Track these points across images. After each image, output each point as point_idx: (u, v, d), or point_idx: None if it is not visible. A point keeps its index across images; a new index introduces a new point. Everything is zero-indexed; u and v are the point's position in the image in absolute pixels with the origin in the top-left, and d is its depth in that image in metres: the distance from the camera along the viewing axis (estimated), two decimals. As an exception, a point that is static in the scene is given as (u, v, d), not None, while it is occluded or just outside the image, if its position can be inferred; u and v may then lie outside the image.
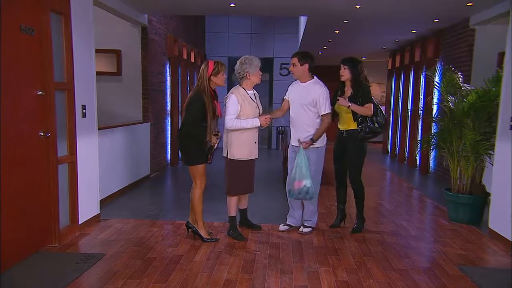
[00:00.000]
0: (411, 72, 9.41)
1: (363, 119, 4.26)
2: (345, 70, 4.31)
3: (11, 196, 3.37)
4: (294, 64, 4.26)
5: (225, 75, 4.04)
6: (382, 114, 4.33)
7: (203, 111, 3.89)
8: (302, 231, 4.39)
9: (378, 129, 4.28)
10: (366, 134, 4.27)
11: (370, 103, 4.22)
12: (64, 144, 4.08)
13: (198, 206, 4.05)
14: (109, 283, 3.21)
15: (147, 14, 6.88)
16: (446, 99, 5.14)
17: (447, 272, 3.55)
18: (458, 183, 4.97)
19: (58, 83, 3.93)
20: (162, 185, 7.06)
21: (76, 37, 4.16)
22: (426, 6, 5.94)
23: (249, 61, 4.06)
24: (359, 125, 4.27)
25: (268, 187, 6.63)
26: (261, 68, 4.17)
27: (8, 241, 3.34)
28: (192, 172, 4.03)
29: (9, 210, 3.35)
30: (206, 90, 3.92)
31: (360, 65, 4.32)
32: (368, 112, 4.22)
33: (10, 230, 3.36)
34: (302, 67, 4.23)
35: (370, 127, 4.24)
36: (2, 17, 3.24)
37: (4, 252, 3.30)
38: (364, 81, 4.33)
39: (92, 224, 4.53)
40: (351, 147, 4.34)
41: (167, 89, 8.18)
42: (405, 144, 9.54)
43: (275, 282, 3.30)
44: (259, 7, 6.50)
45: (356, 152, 4.35)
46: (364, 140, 4.33)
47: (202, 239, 4.10)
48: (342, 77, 4.35)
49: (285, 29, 11.71)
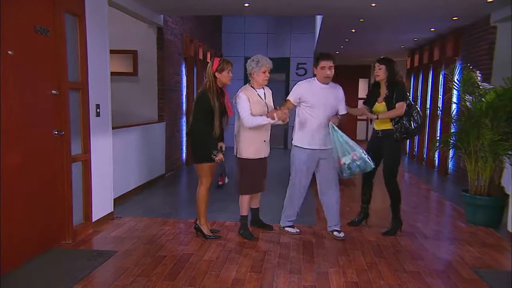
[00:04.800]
0: (429, 72, 9.25)
1: (399, 118, 4.17)
2: (381, 70, 4.22)
3: (25, 193, 3.45)
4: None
5: (231, 73, 4.00)
6: (419, 113, 4.21)
7: (210, 108, 3.88)
8: (339, 236, 4.21)
9: (414, 130, 4.18)
10: (401, 134, 4.18)
11: (402, 102, 4.11)
12: (78, 142, 4.15)
13: (202, 203, 4.07)
14: (119, 280, 3.25)
15: (163, 15, 6.95)
16: (463, 98, 5.02)
17: (461, 275, 3.46)
18: (475, 184, 4.85)
19: (72, 83, 4.00)
20: (177, 185, 7.11)
21: (90, 37, 4.23)
22: (444, 2, 5.82)
23: (256, 61, 4.03)
24: (394, 125, 4.18)
25: (282, 186, 6.56)
26: (269, 70, 4.06)
27: (23, 237, 3.42)
28: (198, 170, 4.05)
29: (23, 207, 3.43)
30: (211, 87, 3.91)
31: (396, 65, 4.25)
32: (398, 112, 4.12)
33: (24, 226, 3.44)
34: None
35: (406, 127, 4.15)
36: (17, 18, 3.32)
37: (19, 248, 3.38)
38: (400, 80, 4.26)
39: (106, 222, 4.60)
40: (386, 148, 4.25)
41: (182, 89, 8.24)
42: (424, 145, 9.37)
43: (283, 282, 3.28)
44: (273, 7, 6.48)
45: (391, 154, 4.26)
46: (400, 141, 4.23)
47: (204, 235, 4.12)
48: (378, 77, 4.27)
49: (302, 29, 11.64)
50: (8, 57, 3.21)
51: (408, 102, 4.19)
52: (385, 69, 4.21)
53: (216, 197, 5.26)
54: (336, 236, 4.22)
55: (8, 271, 3.24)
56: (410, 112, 4.18)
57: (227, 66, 3.95)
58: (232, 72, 4.02)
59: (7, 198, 3.22)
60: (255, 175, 4.14)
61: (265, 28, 11.88)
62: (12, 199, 3.28)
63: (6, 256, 3.22)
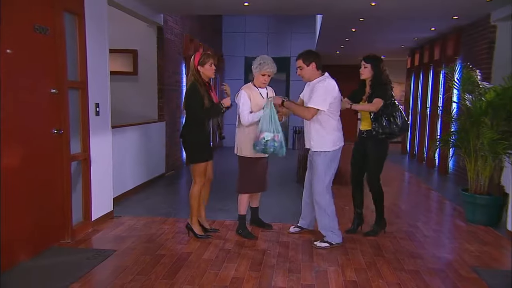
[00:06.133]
0: (430, 71, 9.24)
1: (377, 118, 4.04)
2: (366, 68, 4.10)
3: (25, 192, 3.46)
4: (301, 67, 3.97)
5: (214, 66, 3.95)
6: (402, 115, 4.08)
7: (201, 101, 3.87)
8: (316, 245, 3.98)
9: (394, 131, 4.02)
10: (379, 134, 4.05)
11: (379, 99, 3.97)
12: (77, 141, 4.15)
13: (194, 202, 4.07)
14: (118, 278, 3.25)
15: (163, 14, 6.96)
16: (463, 97, 5.02)
17: (460, 274, 3.45)
18: (475, 183, 4.84)
19: (72, 82, 4.00)
20: (177, 184, 7.11)
21: (90, 36, 4.23)
22: (444, 2, 5.81)
23: (260, 62, 4.01)
24: (372, 124, 4.08)
25: (282, 186, 6.60)
26: (269, 75, 4.03)
27: (23, 235, 3.43)
28: (192, 170, 4.06)
29: (23, 205, 3.44)
30: (198, 80, 3.90)
31: (382, 64, 4.10)
32: (373, 108, 3.99)
33: (24, 225, 3.45)
34: (309, 67, 3.93)
35: (383, 126, 4.01)
36: (16, 17, 3.32)
37: (19, 246, 3.39)
38: (386, 80, 4.09)
39: (105, 221, 4.60)
40: (370, 149, 4.15)
41: (182, 89, 8.24)
42: (424, 144, 9.37)
43: (282, 280, 3.28)
44: (273, 6, 6.47)
45: (375, 155, 4.15)
46: (382, 141, 4.11)
47: (196, 235, 4.12)
48: (362, 75, 4.13)
49: (302, 28, 11.64)
50: (7, 56, 3.22)
51: (390, 101, 4.05)
52: (370, 68, 4.08)
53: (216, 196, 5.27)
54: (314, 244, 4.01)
55: (8, 268, 3.24)
56: (391, 111, 4.03)
57: (209, 59, 3.92)
58: (215, 65, 3.99)
59: (6, 196, 3.22)
60: (254, 174, 4.13)
61: (266, 27, 11.88)
62: (11, 197, 3.29)
63: (6, 254, 3.23)
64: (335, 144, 3.96)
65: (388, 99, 4.06)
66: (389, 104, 4.06)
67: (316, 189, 3.98)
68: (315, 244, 4.00)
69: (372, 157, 4.18)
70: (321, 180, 3.96)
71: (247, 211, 4.31)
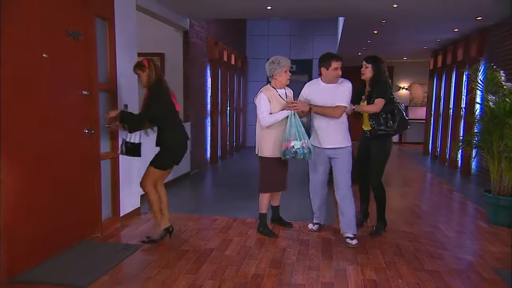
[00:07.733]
0: (453, 72, 9.12)
1: (375, 115, 4.14)
2: (367, 69, 4.20)
3: (59, 189, 3.66)
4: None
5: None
6: (401, 112, 4.17)
7: (168, 100, 3.97)
8: (352, 243, 4.05)
9: (393, 127, 4.13)
10: (378, 130, 4.15)
11: (381, 99, 4.07)
12: (106, 141, 4.35)
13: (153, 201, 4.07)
14: (144, 272, 3.41)
15: (189, 19, 7.15)
16: (486, 98, 4.99)
17: (482, 276, 3.46)
18: (499, 184, 4.81)
19: (102, 84, 4.20)
20: (201, 182, 7.28)
21: (119, 40, 4.43)
22: (467, 2, 5.77)
23: (276, 62, 4.12)
24: (370, 121, 4.18)
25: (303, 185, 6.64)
26: (290, 69, 4.19)
27: (57, 229, 3.63)
28: (149, 170, 4.03)
29: (56, 201, 3.64)
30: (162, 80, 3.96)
31: (383, 64, 4.21)
32: (375, 108, 4.09)
33: (58, 220, 3.65)
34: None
35: (380, 123, 4.12)
36: (52, 22, 3.53)
37: (53, 239, 3.59)
38: (385, 80, 4.18)
39: (133, 217, 4.79)
40: (373, 148, 4.26)
41: (207, 91, 8.43)
42: (446, 145, 9.26)
43: (302, 278, 3.36)
44: (295, 9, 6.57)
45: (378, 154, 4.25)
46: (384, 140, 4.22)
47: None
48: (363, 75, 4.25)
49: (325, 30, 11.67)
50: (44, 60, 3.43)
51: (389, 98, 4.12)
52: (371, 68, 4.18)
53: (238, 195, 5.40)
54: (348, 243, 4.07)
55: (42, 260, 3.45)
56: (390, 109, 4.13)
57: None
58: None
59: (41, 193, 3.44)
60: (275, 174, 4.23)
61: (288, 30, 11.97)
62: (45, 194, 3.50)
63: (41, 247, 3.44)
64: (350, 139, 4.21)
65: (388, 97, 4.15)
66: (388, 102, 4.14)
67: (347, 182, 4.13)
68: (349, 242, 4.06)
69: (375, 156, 4.27)
70: (348, 173, 4.15)
71: (268, 209, 4.41)
